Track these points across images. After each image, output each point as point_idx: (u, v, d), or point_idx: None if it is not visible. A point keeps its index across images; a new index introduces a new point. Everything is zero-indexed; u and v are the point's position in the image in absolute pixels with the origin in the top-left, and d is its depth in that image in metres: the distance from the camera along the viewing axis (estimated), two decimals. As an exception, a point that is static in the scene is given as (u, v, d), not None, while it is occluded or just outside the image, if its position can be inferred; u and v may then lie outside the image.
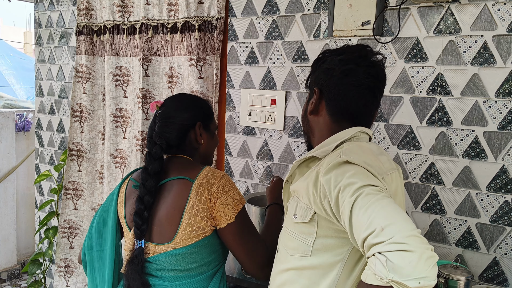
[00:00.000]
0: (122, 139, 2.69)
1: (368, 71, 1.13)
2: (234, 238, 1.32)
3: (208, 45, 2.34)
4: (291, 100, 2.18)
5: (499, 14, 1.68)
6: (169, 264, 1.31)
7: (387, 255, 0.80)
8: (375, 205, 0.86)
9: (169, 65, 2.48)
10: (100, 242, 1.45)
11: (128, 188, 1.46)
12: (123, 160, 2.67)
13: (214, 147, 1.53)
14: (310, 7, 2.09)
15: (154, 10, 2.48)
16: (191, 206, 1.28)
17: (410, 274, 0.78)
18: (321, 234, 1.03)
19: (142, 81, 2.52)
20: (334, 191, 0.94)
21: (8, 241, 4.08)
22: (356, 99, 1.14)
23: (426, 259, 0.79)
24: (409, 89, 1.88)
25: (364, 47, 1.17)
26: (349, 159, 0.98)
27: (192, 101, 1.48)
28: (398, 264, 0.78)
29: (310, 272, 1.05)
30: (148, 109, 2.54)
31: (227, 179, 1.34)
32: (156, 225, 1.32)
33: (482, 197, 1.76)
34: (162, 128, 1.40)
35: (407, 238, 0.80)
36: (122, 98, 2.67)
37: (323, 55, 1.21)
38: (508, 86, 1.69)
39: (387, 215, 0.84)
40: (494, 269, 1.75)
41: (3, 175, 4.01)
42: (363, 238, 0.85)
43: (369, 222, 0.84)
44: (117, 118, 2.68)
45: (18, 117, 4.23)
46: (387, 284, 0.80)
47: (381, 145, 1.94)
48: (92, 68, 2.77)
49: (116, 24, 2.62)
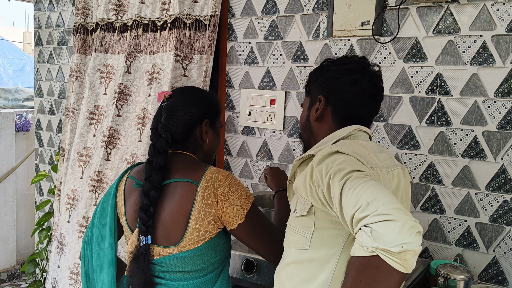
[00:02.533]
0: (92, 137, 2.60)
1: (372, 81, 1.22)
2: (249, 236, 1.31)
3: (197, 44, 2.31)
4: (291, 100, 2.18)
5: (498, 14, 1.69)
6: (175, 266, 1.30)
7: (372, 226, 0.84)
8: (362, 185, 0.90)
9: (152, 63, 2.42)
10: (98, 242, 1.42)
11: (127, 186, 1.41)
12: (87, 158, 2.58)
13: (218, 146, 1.50)
14: (310, 7, 2.09)
15: (147, 8, 2.45)
16: (197, 211, 1.26)
17: (394, 240, 0.81)
18: (319, 226, 1.06)
19: (122, 77, 2.45)
20: (326, 178, 0.98)
21: (8, 242, 4.08)
22: (362, 106, 1.22)
23: (409, 228, 0.82)
24: (408, 89, 1.88)
25: (364, 59, 1.25)
26: (339, 149, 1.04)
27: (201, 96, 1.44)
28: (382, 232, 0.82)
29: (309, 265, 1.08)
30: (122, 105, 2.46)
31: (232, 179, 1.31)
32: (160, 227, 1.30)
33: (481, 196, 1.76)
34: (168, 121, 1.35)
35: (391, 210, 0.84)
36: (102, 95, 2.60)
37: (327, 64, 1.28)
38: (507, 86, 1.69)
39: (373, 192, 0.88)
40: (493, 268, 1.76)
41: (3, 176, 4.01)
42: (351, 215, 0.89)
43: (356, 200, 0.89)
44: (93, 115, 2.60)
45: (18, 117, 4.23)
46: (373, 253, 0.84)
47: (381, 145, 1.95)
48: (82, 67, 2.73)
49: (109, 22, 2.59)
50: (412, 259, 0.83)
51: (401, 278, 0.85)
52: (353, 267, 0.89)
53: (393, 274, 0.84)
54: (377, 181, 0.94)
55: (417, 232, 0.83)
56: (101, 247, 1.42)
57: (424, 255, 1.89)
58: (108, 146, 2.45)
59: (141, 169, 1.40)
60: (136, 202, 1.35)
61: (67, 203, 2.59)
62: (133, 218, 1.36)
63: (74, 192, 2.58)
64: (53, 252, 2.66)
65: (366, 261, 0.85)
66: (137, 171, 1.43)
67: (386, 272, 0.84)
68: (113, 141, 2.47)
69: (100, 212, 1.45)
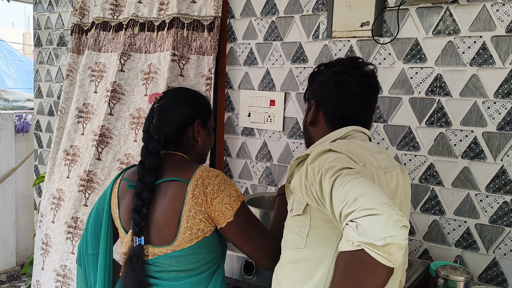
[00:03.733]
0: (80, 135, 2.55)
1: (360, 81, 1.21)
2: (237, 235, 1.30)
3: (194, 45, 2.30)
4: (290, 101, 2.18)
5: (498, 14, 1.69)
6: (170, 266, 1.30)
7: (357, 220, 0.84)
8: (352, 181, 0.91)
9: (148, 62, 2.40)
10: (96, 245, 1.43)
11: (121, 188, 1.42)
12: (74, 157, 2.53)
13: (210, 145, 1.51)
14: (309, 8, 2.09)
15: (145, 8, 2.44)
16: (188, 209, 1.27)
17: (378, 234, 0.82)
18: (314, 225, 1.08)
19: (115, 75, 2.41)
20: (318, 176, 1.00)
21: (7, 243, 4.07)
22: (351, 107, 1.22)
23: (394, 221, 0.83)
24: (408, 90, 1.88)
25: (355, 59, 1.26)
26: (331, 148, 1.06)
27: (192, 97, 1.45)
28: (367, 226, 0.83)
29: (305, 264, 1.09)
30: (114, 104, 2.43)
31: (222, 178, 1.31)
32: (153, 227, 1.30)
33: (481, 197, 1.76)
34: (160, 122, 1.36)
35: (377, 204, 0.84)
36: (92, 93, 2.57)
37: (318, 69, 1.29)
38: (507, 86, 1.69)
39: (361, 188, 0.89)
40: (493, 269, 1.75)
41: (2, 177, 4.01)
42: (339, 211, 0.90)
43: (344, 196, 0.90)
44: (81, 114, 2.56)
45: (17, 118, 4.22)
46: (358, 248, 0.85)
47: (380, 146, 1.94)
48: (74, 66, 2.72)
49: (104, 21, 2.58)
50: (396, 253, 0.83)
51: (387, 272, 0.86)
52: (340, 262, 0.90)
53: (379, 268, 0.84)
54: (367, 178, 0.95)
55: (402, 226, 0.83)
56: (97, 250, 1.43)
57: (424, 257, 1.89)
58: (100, 145, 2.40)
59: (134, 170, 1.40)
60: (130, 203, 1.35)
61: (52, 202, 2.53)
62: (127, 220, 1.37)
63: (59, 191, 2.53)
64: (37, 254, 2.58)
65: (352, 255, 0.86)
66: (131, 173, 1.43)
67: (372, 266, 0.84)
68: (105, 140, 2.42)
69: (95, 214, 1.45)
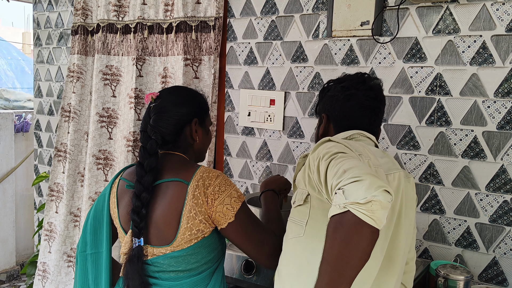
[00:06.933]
0: (107, 140, 2.62)
1: (367, 94, 1.30)
2: (238, 236, 1.29)
3: (204, 46, 2.33)
4: (290, 100, 2.18)
5: (498, 14, 1.69)
6: (169, 266, 1.30)
7: (344, 187, 0.92)
8: (345, 160, 0.99)
9: (163, 65, 2.45)
10: (95, 244, 1.42)
11: (119, 188, 1.41)
12: (107, 161, 2.61)
13: (209, 144, 1.50)
14: (309, 7, 2.09)
15: (150, 10, 2.46)
16: (188, 210, 1.26)
17: (362, 195, 0.89)
18: (313, 214, 1.14)
19: (135, 81, 2.48)
20: (316, 161, 1.07)
21: (7, 242, 4.07)
22: (360, 118, 1.30)
23: (377, 186, 0.89)
24: (408, 89, 1.88)
25: (362, 74, 1.35)
26: (331, 138, 1.14)
27: (189, 95, 1.43)
28: (352, 190, 0.90)
29: (302, 253, 1.14)
30: (141, 109, 2.48)
31: (222, 178, 1.30)
32: (152, 227, 1.30)
33: (481, 197, 1.76)
34: (157, 122, 1.34)
35: (364, 174, 0.92)
36: (110, 97, 2.61)
37: (327, 85, 1.39)
38: (507, 86, 1.69)
39: (351, 163, 0.97)
40: (493, 269, 1.75)
41: (2, 176, 4.01)
42: (331, 185, 0.97)
43: (336, 170, 0.98)
44: (103, 118, 2.61)
45: (17, 118, 4.22)
46: (344, 209, 0.91)
47: (380, 145, 1.95)
48: (83, 68, 2.73)
49: (110, 23, 2.59)
50: (379, 211, 0.88)
51: (372, 232, 0.90)
52: (329, 226, 0.95)
53: (363, 227, 0.89)
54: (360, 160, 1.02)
55: (385, 190, 0.89)
56: (97, 250, 1.42)
57: (424, 256, 1.89)
58: (135, 150, 2.50)
59: (133, 170, 1.39)
60: (129, 203, 1.35)
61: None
62: (126, 220, 1.36)
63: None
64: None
65: (339, 218, 0.92)
66: (130, 172, 1.42)
67: (357, 225, 0.89)
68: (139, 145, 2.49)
69: (94, 214, 1.44)
